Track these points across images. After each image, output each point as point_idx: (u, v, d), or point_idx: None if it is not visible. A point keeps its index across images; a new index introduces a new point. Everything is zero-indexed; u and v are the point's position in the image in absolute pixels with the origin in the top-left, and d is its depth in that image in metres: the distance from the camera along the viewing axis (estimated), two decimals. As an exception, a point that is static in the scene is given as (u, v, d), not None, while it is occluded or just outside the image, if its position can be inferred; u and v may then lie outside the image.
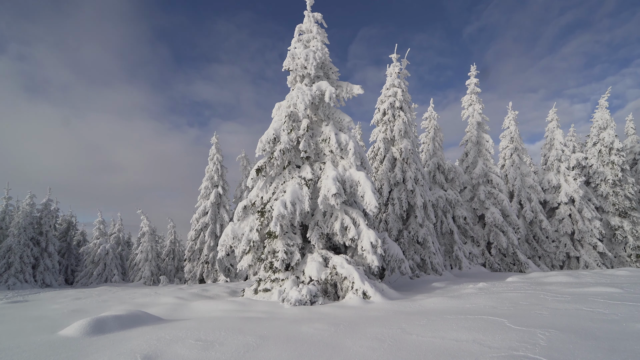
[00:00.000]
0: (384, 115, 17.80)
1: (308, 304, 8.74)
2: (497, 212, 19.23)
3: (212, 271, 23.78)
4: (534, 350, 3.81)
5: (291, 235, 10.63)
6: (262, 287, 10.72)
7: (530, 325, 4.82)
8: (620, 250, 22.27)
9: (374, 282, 9.66)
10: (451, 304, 7.46)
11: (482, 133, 21.27)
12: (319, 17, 12.39)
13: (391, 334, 4.88)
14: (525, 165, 22.67)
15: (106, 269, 29.61)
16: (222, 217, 24.32)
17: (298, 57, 11.76)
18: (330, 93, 10.88)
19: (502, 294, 8.10)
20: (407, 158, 16.79)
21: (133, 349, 4.56)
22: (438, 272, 16.34)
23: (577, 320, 5.00)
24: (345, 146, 10.90)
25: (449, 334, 4.70)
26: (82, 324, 5.61)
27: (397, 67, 17.71)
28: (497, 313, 5.92)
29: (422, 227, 16.78)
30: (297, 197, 10.28)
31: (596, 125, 24.04)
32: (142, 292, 15.09)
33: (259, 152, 11.13)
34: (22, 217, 25.44)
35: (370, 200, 9.86)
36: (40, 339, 5.34)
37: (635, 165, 25.67)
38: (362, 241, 10.04)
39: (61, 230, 32.27)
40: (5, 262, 23.96)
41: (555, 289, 8.46)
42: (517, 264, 18.86)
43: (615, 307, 5.75)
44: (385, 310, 7.29)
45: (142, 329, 5.84)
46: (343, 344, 4.56)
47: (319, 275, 9.71)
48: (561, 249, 21.55)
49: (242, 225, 11.27)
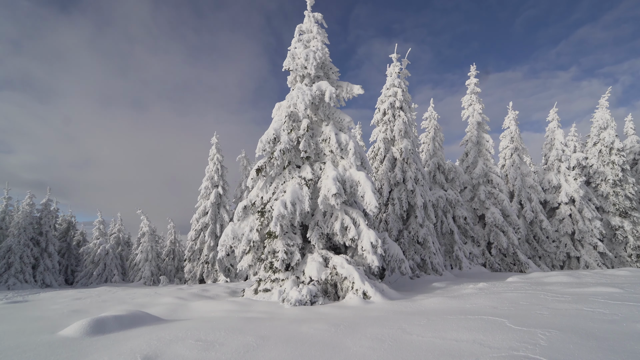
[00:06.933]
0: (384, 115, 17.80)
1: (308, 304, 8.74)
2: (497, 212, 19.22)
3: (212, 271, 23.78)
4: (534, 350, 3.80)
5: (291, 235, 10.62)
6: (262, 287, 10.71)
7: (531, 326, 4.81)
8: (620, 250, 22.26)
9: (374, 282, 9.65)
10: (451, 304, 7.45)
11: (482, 133, 21.27)
12: (319, 17, 12.40)
13: (391, 334, 4.88)
14: (526, 165, 22.67)
15: (106, 269, 29.61)
16: (222, 217, 24.31)
17: (298, 57, 11.76)
18: (330, 93, 10.88)
19: (503, 294, 8.09)
20: (407, 158, 16.79)
21: (133, 349, 4.56)
22: (438, 272, 16.33)
23: (577, 321, 5.00)
24: (346, 146, 10.89)
25: (449, 334, 4.70)
26: (82, 324, 5.60)
27: (397, 67, 17.71)
28: (497, 313, 5.91)
29: (422, 227, 16.77)
30: (297, 197, 10.28)
31: (596, 125, 24.03)
32: (142, 292, 15.09)
33: (259, 152, 11.13)
34: (22, 217, 25.45)
35: (370, 200, 9.85)
36: (40, 339, 5.33)
37: (635, 165, 25.65)
38: (362, 241, 10.04)
39: (61, 231, 32.28)
40: (5, 262, 23.97)
41: (556, 289, 8.45)
42: (518, 264, 18.85)
43: (616, 307, 5.74)
44: (385, 311, 7.28)
45: (142, 329, 5.83)
46: (343, 344, 4.55)
47: (319, 275, 9.71)
48: (561, 249, 21.54)
49: (242, 225, 11.27)
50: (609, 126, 23.46)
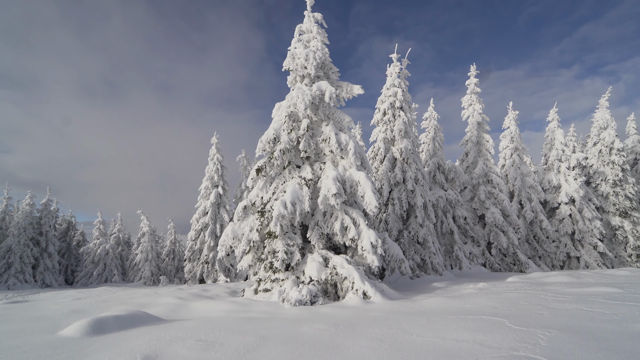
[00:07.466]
0: (384, 115, 17.80)
1: (308, 304, 8.74)
2: (497, 212, 19.22)
3: (212, 271, 23.78)
4: (534, 350, 3.80)
5: (291, 235, 10.62)
6: (262, 287, 10.71)
7: (531, 326, 4.81)
8: (620, 250, 22.26)
9: (374, 282, 9.65)
10: (451, 304, 7.45)
11: (482, 133, 21.27)
12: (319, 17, 12.39)
13: (391, 334, 4.88)
14: (526, 165, 22.67)
15: (106, 269, 29.62)
16: (222, 217, 24.32)
17: (298, 57, 11.76)
18: (330, 93, 10.88)
19: (503, 294, 8.09)
20: (407, 158, 16.79)
21: (133, 349, 4.56)
22: (438, 272, 16.33)
23: (577, 321, 5.00)
24: (346, 146, 10.89)
25: (449, 334, 4.70)
26: (82, 324, 5.60)
27: (397, 67, 17.70)
28: (497, 313, 5.91)
29: (423, 227, 16.77)
30: (297, 197, 10.28)
31: (596, 125, 24.03)
32: (142, 292, 15.09)
33: (259, 152, 11.14)
34: (21, 217, 25.46)
35: (370, 200, 9.85)
36: (40, 339, 5.33)
37: (635, 165, 25.66)
38: (362, 241, 10.04)
39: (61, 231, 32.30)
40: (5, 262, 23.98)
41: (556, 289, 8.45)
42: (518, 264, 18.85)
43: (616, 307, 5.74)
44: (385, 311, 7.28)
45: (142, 329, 5.83)
46: (343, 344, 4.55)
47: (319, 275, 9.71)
48: (561, 249, 21.54)
49: (242, 225, 11.27)
50: (609, 126, 23.46)
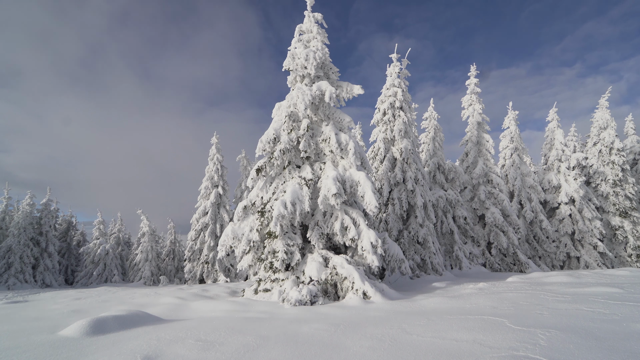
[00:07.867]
0: (384, 115, 17.80)
1: (308, 304, 8.74)
2: (497, 212, 19.22)
3: (212, 271, 23.78)
4: (534, 350, 3.80)
5: (291, 235, 10.63)
6: (262, 287, 10.71)
7: (531, 326, 4.81)
8: (620, 250, 22.26)
9: (374, 282, 9.66)
10: (451, 304, 7.45)
11: (482, 133, 21.27)
12: (319, 18, 12.40)
13: (391, 334, 4.88)
14: (526, 165, 22.67)
15: (106, 269, 29.61)
16: (222, 217, 24.32)
17: (298, 57, 11.76)
18: (330, 93, 10.88)
19: (503, 294, 8.09)
20: (407, 158, 16.79)
21: (133, 349, 4.56)
22: (438, 272, 16.33)
23: (577, 321, 5.00)
24: (346, 146, 10.89)
25: (449, 334, 4.70)
26: (82, 324, 5.61)
27: (397, 67, 17.71)
28: (497, 313, 5.91)
29: (423, 227, 16.77)
30: (297, 197, 10.28)
31: (596, 125, 24.03)
32: (142, 292, 15.09)
33: (259, 152, 11.14)
34: (22, 217, 25.46)
35: (370, 200, 9.86)
36: (41, 339, 5.33)
37: (635, 165, 25.65)
38: (362, 241, 10.04)
39: (61, 231, 32.29)
40: (5, 262, 23.98)
41: (556, 289, 8.45)
42: (518, 264, 18.85)
43: (616, 307, 5.74)
44: (385, 311, 7.29)
45: (142, 329, 5.84)
46: (343, 344, 4.55)
47: (319, 275, 9.71)
48: (561, 249, 21.54)
49: (242, 225, 11.27)
50: (609, 126, 23.46)
